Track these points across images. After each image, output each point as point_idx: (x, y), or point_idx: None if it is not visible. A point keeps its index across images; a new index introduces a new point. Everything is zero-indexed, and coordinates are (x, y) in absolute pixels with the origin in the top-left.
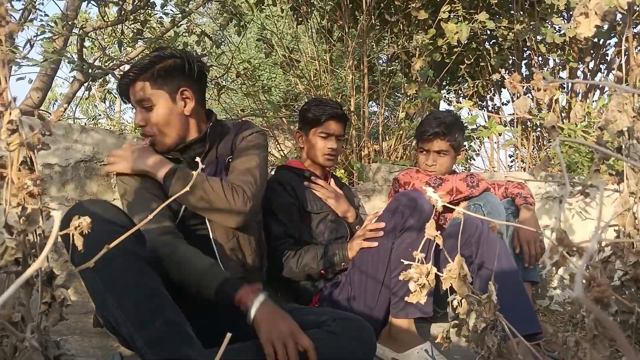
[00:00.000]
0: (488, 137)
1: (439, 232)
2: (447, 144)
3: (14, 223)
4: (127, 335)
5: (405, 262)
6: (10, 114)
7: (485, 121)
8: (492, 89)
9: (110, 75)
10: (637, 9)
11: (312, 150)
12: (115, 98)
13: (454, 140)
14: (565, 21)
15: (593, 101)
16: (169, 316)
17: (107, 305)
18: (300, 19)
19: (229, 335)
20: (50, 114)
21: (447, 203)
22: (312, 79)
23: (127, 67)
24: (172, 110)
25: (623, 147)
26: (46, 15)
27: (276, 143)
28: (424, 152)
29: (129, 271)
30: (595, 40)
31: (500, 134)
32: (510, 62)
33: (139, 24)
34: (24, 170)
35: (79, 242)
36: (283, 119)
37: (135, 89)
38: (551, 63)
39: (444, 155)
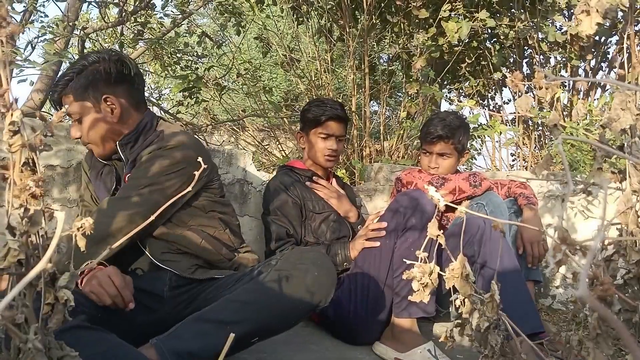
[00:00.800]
0: (490, 136)
1: (441, 231)
2: (450, 146)
3: (17, 224)
4: None
5: (408, 262)
6: (12, 115)
7: (487, 120)
8: (494, 87)
9: None
10: (639, 6)
11: (313, 151)
12: None
13: (457, 143)
14: (567, 19)
15: (595, 99)
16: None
17: None
18: (300, 18)
19: (232, 335)
20: (52, 115)
21: (450, 202)
22: (313, 78)
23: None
24: (99, 120)
25: (625, 145)
26: (46, 16)
27: (277, 143)
28: (427, 153)
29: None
30: (597, 38)
31: (501, 133)
32: (511, 60)
33: (140, 25)
34: (26, 171)
35: (81, 243)
36: (284, 119)
37: (64, 104)
38: (552, 61)
39: (447, 157)
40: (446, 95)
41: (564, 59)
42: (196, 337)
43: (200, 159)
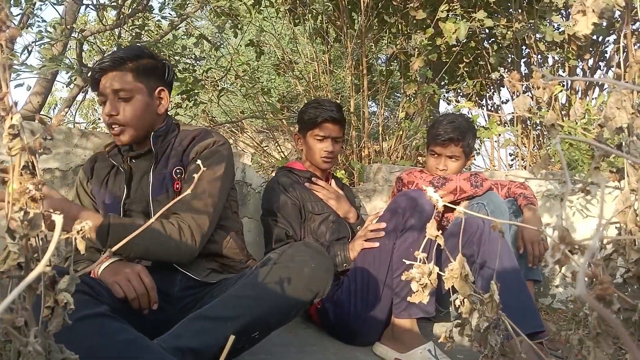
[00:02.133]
0: (488, 137)
1: (441, 232)
2: (460, 149)
3: (16, 227)
4: None
5: (407, 262)
6: (11, 118)
7: (486, 120)
8: (492, 87)
9: None
10: (636, 6)
11: (310, 152)
12: None
13: (466, 145)
14: (564, 19)
15: (593, 99)
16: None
17: None
18: (297, 20)
19: (232, 337)
20: (51, 118)
21: (451, 202)
22: (311, 80)
23: None
24: (148, 106)
25: (623, 144)
26: (44, 21)
27: (276, 144)
28: (436, 155)
29: (94, 336)
30: (595, 37)
31: (500, 135)
32: (509, 60)
33: (137, 27)
34: (25, 174)
35: (81, 246)
36: (283, 120)
37: (114, 77)
38: (550, 61)
39: (456, 160)
40: (444, 96)
41: (561, 59)
42: (197, 334)
43: None
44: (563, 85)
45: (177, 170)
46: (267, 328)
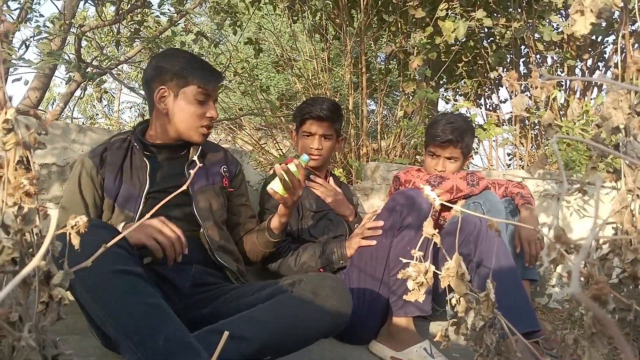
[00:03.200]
0: (487, 138)
1: (437, 230)
2: (458, 150)
3: (11, 222)
4: (129, 355)
5: (404, 261)
6: (6, 113)
7: (484, 119)
8: (491, 87)
9: (107, 74)
10: (634, 6)
11: (300, 149)
12: (113, 97)
13: (465, 147)
14: (563, 19)
15: (591, 99)
16: (170, 332)
17: (108, 328)
18: (295, 17)
19: (226, 333)
20: (45, 112)
21: (448, 201)
22: (310, 77)
23: (124, 66)
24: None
25: (620, 144)
26: (42, 16)
27: (275, 142)
28: (434, 156)
29: (125, 292)
30: (594, 38)
31: (497, 135)
32: (508, 60)
33: (136, 23)
34: (20, 169)
35: (75, 241)
36: (281, 118)
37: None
38: (549, 61)
39: (455, 161)
40: (443, 95)
41: (560, 59)
42: (209, 348)
43: None
44: (561, 86)
45: (224, 169)
46: (279, 354)
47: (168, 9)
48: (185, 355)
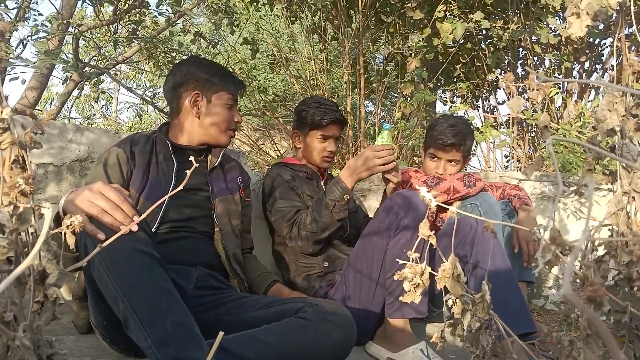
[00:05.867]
0: (484, 140)
1: (434, 232)
2: (460, 154)
3: (6, 222)
4: (136, 333)
5: (400, 262)
6: (1, 112)
7: (482, 121)
8: (488, 89)
9: (105, 74)
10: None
11: (309, 151)
12: (111, 98)
13: (466, 150)
14: (561, 21)
15: (588, 101)
16: (178, 317)
17: (117, 305)
18: (293, 18)
19: (221, 334)
20: (41, 112)
21: (444, 202)
22: (308, 78)
23: (122, 66)
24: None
25: (616, 146)
26: (40, 15)
27: (272, 143)
28: (436, 159)
29: (142, 271)
30: (591, 40)
31: (495, 137)
32: (505, 62)
33: (134, 23)
34: (16, 169)
35: (70, 241)
36: (279, 119)
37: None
38: (547, 63)
39: (456, 164)
40: (440, 96)
41: (557, 61)
42: None
43: None
44: (559, 88)
45: (240, 180)
46: None
47: (166, 9)
48: (189, 343)
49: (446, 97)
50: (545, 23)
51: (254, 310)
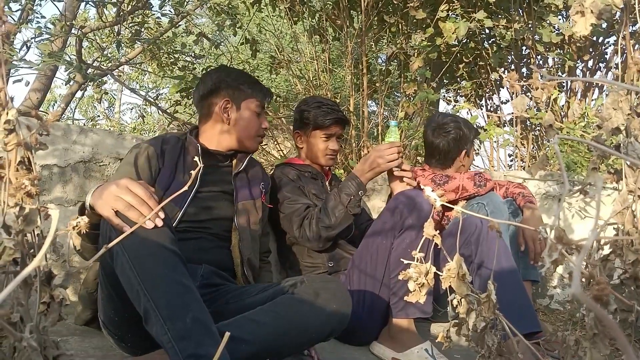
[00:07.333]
0: (488, 138)
1: (439, 231)
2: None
3: (12, 223)
4: (156, 327)
5: (405, 262)
6: (7, 114)
7: (485, 120)
8: (491, 88)
9: (108, 76)
10: (635, 6)
11: (313, 151)
12: (114, 99)
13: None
14: (564, 20)
15: (592, 100)
16: (198, 314)
17: (139, 299)
18: (295, 18)
19: (227, 334)
20: (46, 113)
21: (452, 201)
22: (311, 78)
23: (125, 68)
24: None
25: (621, 145)
26: (43, 17)
27: (275, 143)
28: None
29: (165, 266)
30: (594, 38)
31: (498, 136)
32: (509, 61)
33: (137, 24)
34: (21, 170)
35: (76, 242)
36: (282, 119)
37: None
38: (550, 62)
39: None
40: (444, 96)
41: (561, 60)
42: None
43: None
44: (562, 87)
45: (262, 185)
46: (280, 356)
47: (169, 11)
48: (207, 340)
49: (449, 97)
50: (547, 22)
51: (251, 296)
